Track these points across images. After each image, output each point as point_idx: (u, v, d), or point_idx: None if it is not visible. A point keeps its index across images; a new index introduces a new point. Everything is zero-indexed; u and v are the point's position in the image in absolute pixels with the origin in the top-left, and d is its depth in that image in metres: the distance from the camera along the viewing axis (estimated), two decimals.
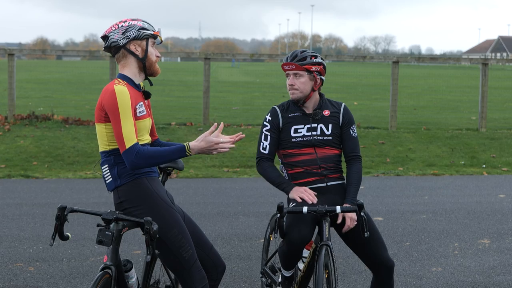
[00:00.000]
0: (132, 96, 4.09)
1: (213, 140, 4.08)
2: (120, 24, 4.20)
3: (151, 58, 4.24)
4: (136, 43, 4.19)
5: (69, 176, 11.36)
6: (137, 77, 4.24)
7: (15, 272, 6.38)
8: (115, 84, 4.09)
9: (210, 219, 8.46)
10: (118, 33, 4.17)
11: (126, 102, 4.02)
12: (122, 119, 4.01)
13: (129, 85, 4.15)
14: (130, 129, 4.01)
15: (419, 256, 7.04)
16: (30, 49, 18.81)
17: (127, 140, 4.00)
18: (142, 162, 4.01)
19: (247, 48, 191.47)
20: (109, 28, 4.22)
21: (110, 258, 3.93)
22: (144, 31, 4.20)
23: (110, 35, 4.17)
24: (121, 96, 4.02)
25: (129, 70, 4.22)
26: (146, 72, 4.26)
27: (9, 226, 7.99)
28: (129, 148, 4.00)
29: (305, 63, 4.79)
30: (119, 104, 4.01)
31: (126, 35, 4.16)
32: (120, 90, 4.04)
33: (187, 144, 4.07)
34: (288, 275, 4.87)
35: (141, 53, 4.21)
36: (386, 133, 15.14)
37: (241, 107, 22.00)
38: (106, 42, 4.20)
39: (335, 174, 4.85)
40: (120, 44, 4.17)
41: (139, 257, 6.81)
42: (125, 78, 4.20)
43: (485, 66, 15.85)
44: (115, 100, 4.01)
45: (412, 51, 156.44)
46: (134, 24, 4.19)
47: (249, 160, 12.69)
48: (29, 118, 15.14)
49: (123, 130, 4.00)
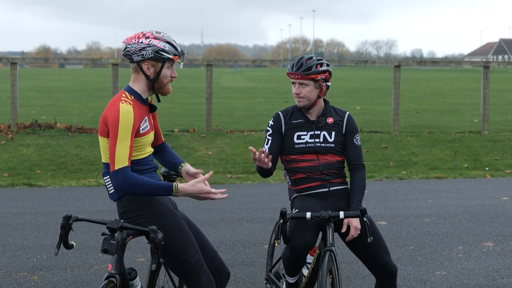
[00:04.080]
0: (137, 114, 4.07)
1: (204, 189, 4.06)
2: (142, 39, 4.11)
3: (162, 80, 4.18)
4: (150, 63, 4.13)
5: (72, 184, 11.38)
6: (146, 93, 4.21)
7: (19, 281, 6.38)
8: (122, 101, 4.05)
9: (214, 225, 8.47)
10: (135, 48, 4.09)
11: (128, 123, 4.00)
12: (119, 139, 3.99)
13: (136, 101, 4.12)
14: (124, 151, 3.99)
15: (423, 260, 7.04)
16: (33, 58, 18.84)
17: (118, 161, 3.99)
18: (127, 187, 4.00)
19: (249, 54, 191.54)
20: (130, 38, 4.14)
21: (115, 267, 3.93)
22: (162, 53, 4.11)
23: (128, 47, 4.12)
24: (124, 116, 4.00)
25: (139, 86, 4.18)
26: (155, 91, 4.22)
27: (12, 235, 8.00)
28: (118, 170, 3.99)
29: (310, 72, 4.79)
30: (120, 124, 3.99)
31: (142, 54, 4.09)
32: (125, 110, 4.01)
33: (175, 184, 4.03)
34: (292, 281, 4.87)
35: (153, 74, 4.15)
36: (389, 137, 15.14)
37: (243, 113, 22.01)
38: (124, 51, 4.17)
39: (337, 179, 4.86)
40: (133, 60, 4.13)
41: (143, 264, 6.81)
42: (133, 92, 4.16)
43: (487, 69, 15.86)
44: (117, 119, 3.99)
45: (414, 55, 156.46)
46: (154, 45, 4.09)
47: (252, 166, 12.69)
48: (32, 127, 15.16)
49: (117, 151, 3.99)
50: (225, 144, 14.25)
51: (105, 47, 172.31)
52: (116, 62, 15.48)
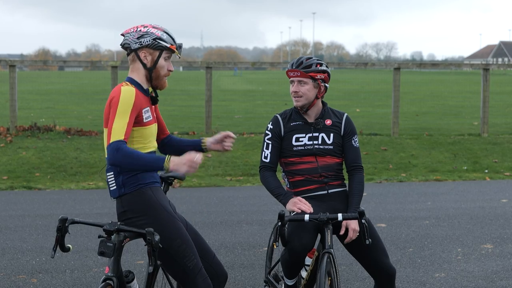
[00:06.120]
0: (139, 97, 4.06)
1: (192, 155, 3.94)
2: (140, 28, 4.17)
3: (159, 71, 4.18)
4: (148, 52, 4.15)
5: (71, 187, 11.36)
6: (145, 84, 4.22)
7: (18, 284, 6.37)
8: (123, 85, 4.09)
9: (213, 228, 8.46)
10: (134, 36, 4.14)
11: (129, 101, 3.99)
12: (118, 114, 3.96)
13: (137, 89, 4.13)
14: (121, 125, 3.94)
15: (422, 262, 7.03)
16: (32, 60, 18.84)
17: (114, 135, 3.93)
18: (119, 158, 3.90)
19: (249, 56, 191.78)
20: (129, 29, 4.21)
21: (112, 270, 3.91)
22: (159, 41, 4.14)
23: (126, 36, 4.17)
24: (125, 94, 4.00)
25: (137, 76, 4.19)
26: (152, 83, 4.22)
27: (11, 237, 7.99)
28: (113, 142, 3.91)
29: (310, 70, 4.79)
30: (120, 101, 3.98)
31: (140, 41, 4.13)
32: (127, 89, 4.03)
33: (167, 156, 3.96)
34: (291, 283, 4.86)
35: (150, 62, 4.16)
36: (388, 140, 15.14)
37: (243, 115, 22.01)
38: (123, 41, 4.20)
39: (336, 181, 4.86)
40: (131, 48, 4.15)
41: (142, 267, 6.80)
42: (133, 82, 4.18)
43: (486, 71, 15.87)
44: (118, 96, 4.00)
45: (414, 57, 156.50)
46: (152, 32, 4.14)
47: (252, 168, 12.68)
48: (31, 129, 15.16)
49: (114, 125, 3.94)
50: None
51: (105, 50, 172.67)
52: (116, 64, 15.47)
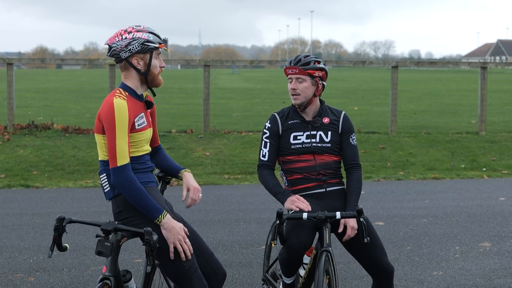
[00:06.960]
0: (131, 110, 4.03)
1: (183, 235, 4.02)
2: (124, 35, 4.08)
3: (154, 72, 4.15)
4: (139, 57, 4.10)
5: (69, 185, 11.35)
6: (139, 89, 4.18)
7: (15, 282, 6.36)
8: (115, 96, 4.03)
9: (211, 226, 8.45)
10: (121, 45, 4.06)
11: (124, 118, 3.97)
12: (118, 134, 3.95)
13: (130, 96, 4.09)
14: (124, 147, 3.96)
15: (420, 260, 7.03)
16: (29, 58, 18.81)
17: (120, 157, 3.95)
18: (126, 185, 3.95)
19: (247, 54, 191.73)
20: (113, 38, 4.11)
21: (109, 269, 3.90)
22: (148, 44, 4.09)
23: (113, 46, 4.08)
24: (119, 111, 3.96)
25: (131, 82, 4.15)
26: (148, 84, 4.20)
27: (9, 236, 7.98)
28: (121, 167, 3.95)
29: (308, 67, 4.79)
30: (116, 119, 3.95)
31: (129, 49, 4.06)
32: (119, 105, 3.98)
33: (165, 212, 4.01)
34: (289, 282, 4.86)
35: (143, 67, 4.12)
36: (386, 138, 15.13)
37: (241, 113, 22.00)
38: (109, 52, 4.13)
39: (334, 180, 4.85)
40: (121, 57, 4.10)
41: (140, 265, 6.79)
42: (127, 88, 4.14)
43: (484, 69, 15.86)
44: (112, 114, 3.96)
45: (411, 56, 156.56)
46: (138, 37, 4.06)
47: (249, 166, 12.68)
48: (29, 128, 15.13)
49: (117, 146, 3.95)
50: (223, 145, 14.24)
51: (103, 48, 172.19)
52: (113, 62, 15.43)
